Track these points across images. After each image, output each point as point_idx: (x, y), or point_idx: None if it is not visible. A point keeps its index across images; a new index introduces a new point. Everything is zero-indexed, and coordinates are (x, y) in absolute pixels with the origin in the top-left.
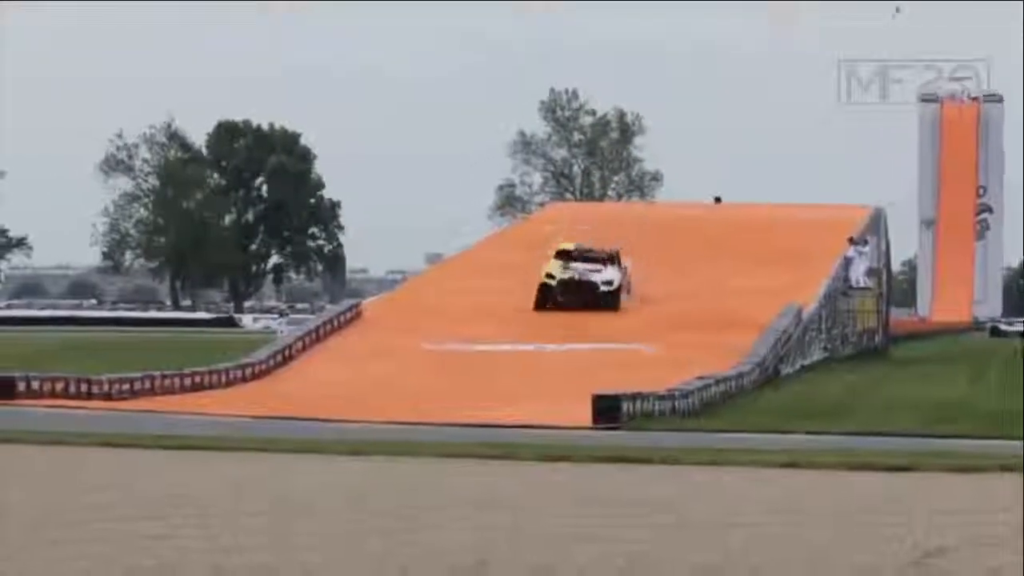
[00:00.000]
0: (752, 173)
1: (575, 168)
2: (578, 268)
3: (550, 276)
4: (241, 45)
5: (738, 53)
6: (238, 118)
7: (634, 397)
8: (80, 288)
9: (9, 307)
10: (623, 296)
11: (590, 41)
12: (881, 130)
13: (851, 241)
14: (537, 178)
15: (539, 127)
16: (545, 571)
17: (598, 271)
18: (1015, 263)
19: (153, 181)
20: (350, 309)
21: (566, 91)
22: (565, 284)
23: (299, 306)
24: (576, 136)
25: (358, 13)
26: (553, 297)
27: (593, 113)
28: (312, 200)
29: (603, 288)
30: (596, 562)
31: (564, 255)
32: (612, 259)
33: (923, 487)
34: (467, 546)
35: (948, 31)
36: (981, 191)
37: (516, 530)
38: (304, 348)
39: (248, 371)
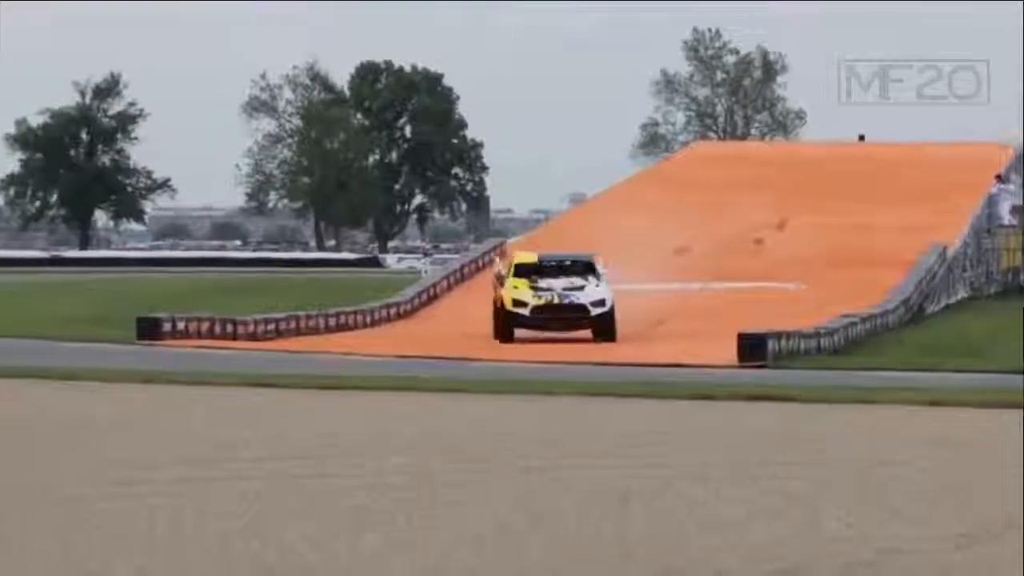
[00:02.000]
0: (896, 111)
1: (718, 107)
2: (555, 287)
3: (519, 303)
4: None
5: None
6: (379, 59)
7: (779, 335)
8: (224, 229)
9: (154, 248)
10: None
11: None
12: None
13: (997, 178)
14: (680, 117)
15: (682, 66)
16: (692, 507)
17: (580, 287)
18: None
19: (296, 122)
20: (494, 248)
21: (709, 30)
22: (540, 311)
23: (443, 246)
24: (719, 75)
25: None
26: (526, 325)
27: (736, 52)
28: (455, 140)
29: (595, 312)
30: (745, 499)
31: (528, 271)
32: (590, 268)
33: None
34: (611, 482)
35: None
36: None
37: (662, 467)
38: (449, 287)
39: (393, 311)
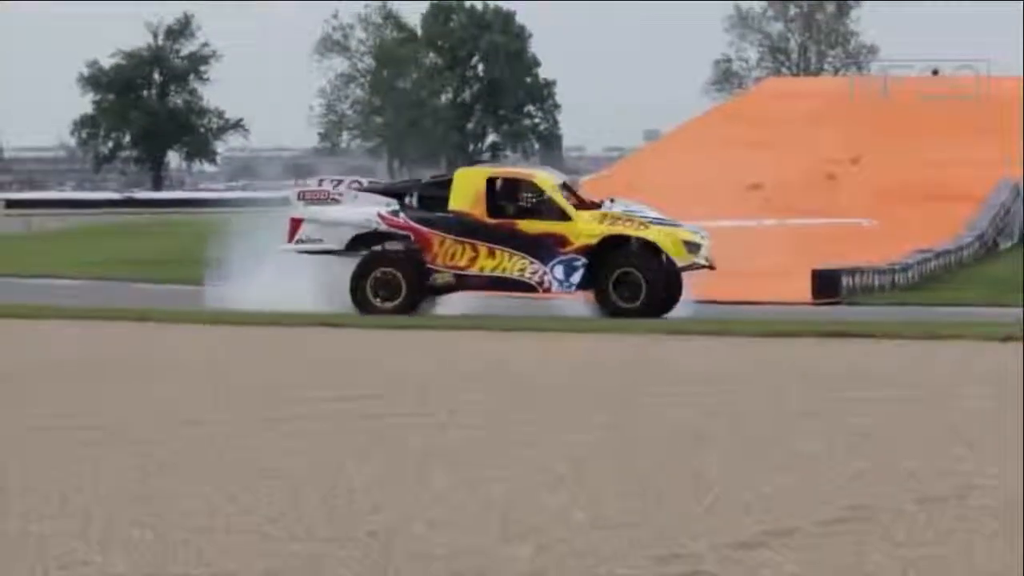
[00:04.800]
0: (969, 45)
1: (791, 43)
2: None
3: (694, 246)
4: None
5: None
6: None
7: (853, 271)
8: (297, 169)
9: (228, 189)
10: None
11: None
12: None
13: None
14: (753, 53)
15: (755, 2)
16: (766, 445)
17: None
18: None
19: (369, 61)
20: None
21: None
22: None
23: None
24: (792, 10)
25: None
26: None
27: None
28: (528, 79)
29: None
30: (817, 436)
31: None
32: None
33: None
34: (685, 421)
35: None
36: None
37: (735, 405)
38: None
39: None
